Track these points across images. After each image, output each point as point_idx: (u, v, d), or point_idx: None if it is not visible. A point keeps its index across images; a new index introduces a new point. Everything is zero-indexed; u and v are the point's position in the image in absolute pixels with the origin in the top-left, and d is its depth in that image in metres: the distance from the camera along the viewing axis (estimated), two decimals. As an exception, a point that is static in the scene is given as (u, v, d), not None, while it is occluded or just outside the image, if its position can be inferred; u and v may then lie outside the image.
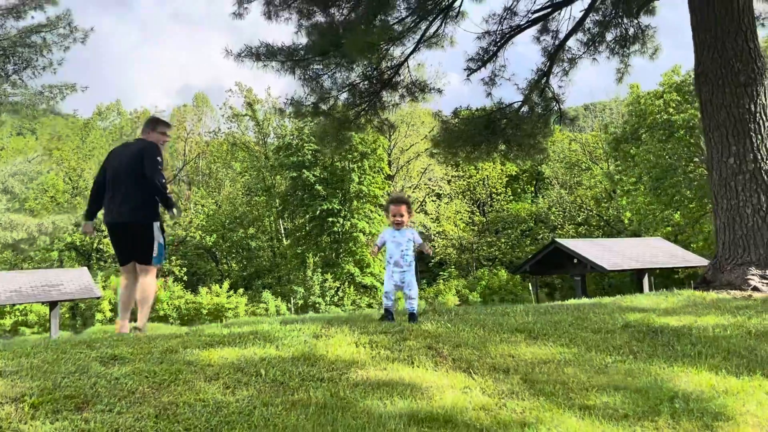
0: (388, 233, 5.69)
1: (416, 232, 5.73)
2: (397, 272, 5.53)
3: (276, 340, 4.71)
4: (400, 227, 5.66)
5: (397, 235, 5.64)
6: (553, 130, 12.31)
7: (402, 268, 5.54)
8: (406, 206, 5.71)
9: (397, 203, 5.72)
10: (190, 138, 60.39)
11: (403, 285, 5.53)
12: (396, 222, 5.65)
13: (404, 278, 5.53)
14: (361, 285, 51.63)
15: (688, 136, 35.91)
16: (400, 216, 5.64)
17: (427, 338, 4.84)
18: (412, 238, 5.64)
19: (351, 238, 50.35)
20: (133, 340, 4.74)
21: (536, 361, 4.39)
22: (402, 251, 5.57)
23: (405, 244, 5.59)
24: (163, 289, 44.66)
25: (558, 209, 66.81)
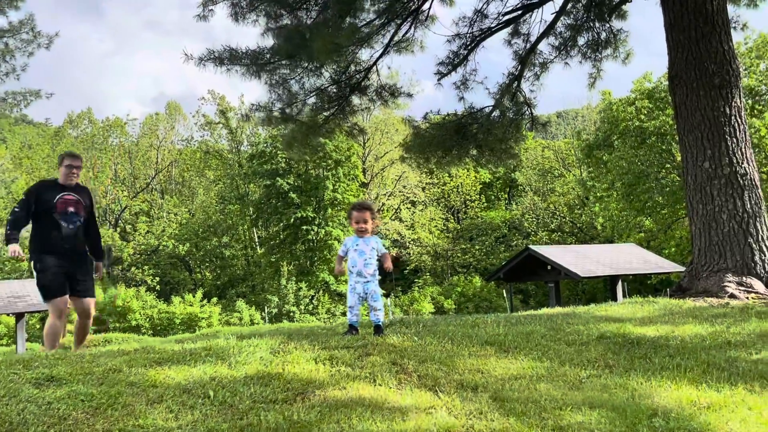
0: (351, 241, 5.39)
1: (380, 241, 5.44)
2: (360, 282, 5.24)
3: (229, 357, 4.40)
4: (364, 235, 5.38)
5: (361, 243, 5.36)
6: (524, 135, 12.14)
7: (366, 278, 5.26)
8: (370, 212, 5.43)
9: (360, 209, 5.43)
10: (163, 146, 59.59)
11: (366, 296, 5.24)
12: (359, 229, 5.36)
13: (368, 289, 5.25)
14: (336, 293, 51.25)
15: (659, 142, 36.15)
16: (363, 222, 5.35)
17: (392, 353, 4.55)
18: (376, 247, 5.36)
19: (326, 246, 50.00)
20: (75, 359, 4.39)
21: (507, 376, 4.12)
22: (365, 260, 5.30)
23: (369, 253, 5.31)
24: (136, 299, 43.90)
25: (531, 216, 67.05)
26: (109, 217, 53.75)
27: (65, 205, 6.29)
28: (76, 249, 6.40)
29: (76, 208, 6.35)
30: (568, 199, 65.56)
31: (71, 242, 6.34)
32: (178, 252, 51.71)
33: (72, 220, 6.32)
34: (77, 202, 6.38)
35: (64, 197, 6.30)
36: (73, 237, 6.34)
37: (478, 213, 70.34)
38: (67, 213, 6.28)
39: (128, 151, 58.10)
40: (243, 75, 10.32)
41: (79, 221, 6.36)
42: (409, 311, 56.87)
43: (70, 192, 6.39)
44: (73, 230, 6.32)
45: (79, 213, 6.37)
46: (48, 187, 6.44)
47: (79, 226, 6.37)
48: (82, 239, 6.50)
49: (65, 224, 6.27)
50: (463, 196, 70.66)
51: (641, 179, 36.38)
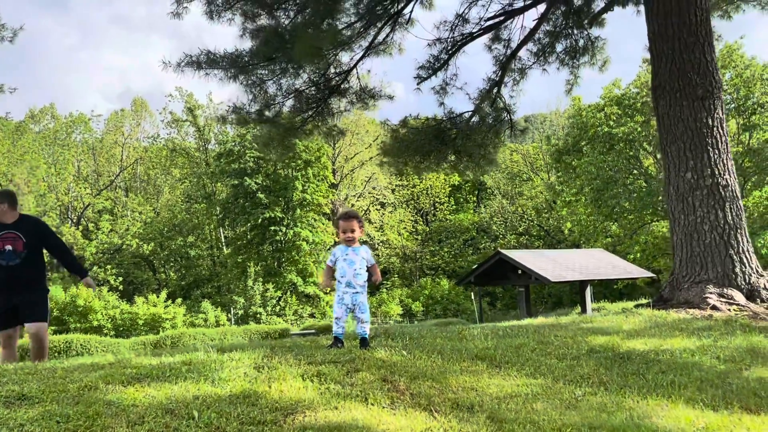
0: (340, 251, 5.21)
1: (370, 251, 5.28)
2: (349, 293, 5.06)
3: (212, 372, 4.19)
4: (352, 244, 5.23)
5: (350, 253, 5.19)
6: (503, 141, 12.08)
7: (355, 288, 5.09)
8: (357, 221, 5.28)
9: (347, 218, 5.26)
10: (128, 143, 58.59)
11: (354, 307, 5.08)
12: (347, 239, 5.19)
13: (356, 300, 5.08)
14: (303, 294, 50.94)
15: (628, 148, 36.59)
16: (351, 232, 5.19)
17: (382, 369, 4.39)
18: (366, 257, 5.19)
19: (294, 247, 49.64)
20: (47, 374, 4.15)
21: (502, 395, 3.99)
22: (356, 270, 5.13)
23: (359, 263, 5.16)
24: (98, 299, 43.03)
25: (500, 219, 67.48)
26: (71, 215, 52.66)
27: (2, 243, 6.42)
28: (18, 283, 6.47)
29: (14, 245, 6.45)
30: (536, 203, 66.12)
31: (12, 279, 6.42)
32: (142, 251, 50.86)
33: (10, 258, 6.44)
34: (16, 239, 6.48)
35: (1, 236, 6.44)
36: (13, 273, 6.43)
37: (447, 215, 70.61)
38: (4, 251, 6.41)
39: (92, 147, 57.02)
40: (221, 79, 10.07)
41: (19, 258, 6.46)
42: (377, 313, 56.80)
43: (8, 230, 6.49)
44: (13, 267, 6.42)
45: (18, 250, 6.46)
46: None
47: (20, 262, 6.46)
48: (28, 274, 6.56)
49: (3, 262, 6.39)
50: (432, 198, 70.86)
51: (609, 185, 36.79)
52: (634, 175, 37.66)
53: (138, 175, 59.97)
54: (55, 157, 51.95)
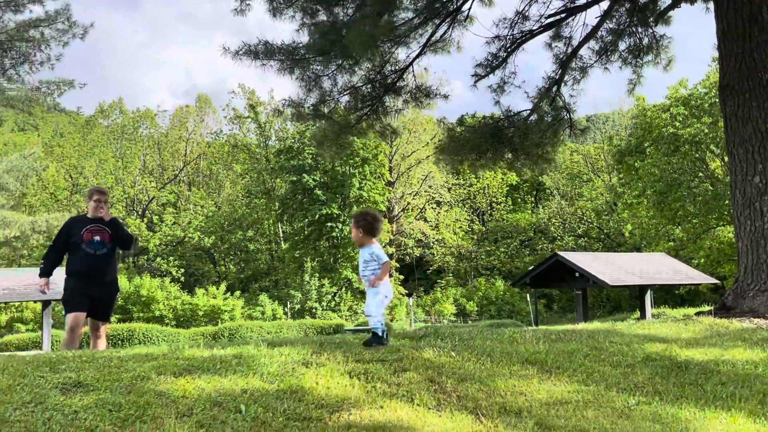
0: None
1: (373, 250, 5.36)
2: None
3: (261, 367, 4.23)
4: (361, 245, 5.46)
5: (361, 253, 5.46)
6: (562, 140, 11.86)
7: (366, 286, 5.33)
8: (354, 223, 5.49)
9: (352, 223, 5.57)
10: (192, 139, 59.93)
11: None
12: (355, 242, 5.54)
13: (366, 297, 5.29)
14: (358, 291, 51.19)
15: (693, 150, 35.47)
16: (355, 235, 5.48)
17: (429, 369, 4.36)
18: (367, 258, 5.33)
19: (350, 244, 49.92)
20: (103, 363, 4.26)
21: (551, 401, 3.91)
22: (361, 271, 5.39)
23: (362, 264, 5.40)
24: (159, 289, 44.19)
25: (558, 220, 66.39)
26: (137, 207, 54.18)
27: (91, 234, 6.92)
28: (102, 273, 6.96)
29: (101, 237, 6.94)
30: (596, 205, 64.80)
31: (98, 268, 6.89)
32: (203, 244, 51.97)
33: (98, 247, 6.90)
34: (103, 231, 6.98)
35: (90, 228, 6.94)
36: (99, 263, 6.90)
37: (504, 215, 69.88)
38: (93, 241, 6.89)
39: (157, 142, 58.52)
40: (277, 70, 10.19)
41: (105, 248, 6.95)
42: (431, 312, 56.70)
43: (96, 224, 7.01)
44: (100, 257, 6.90)
45: (105, 241, 6.95)
46: (77, 222, 7.11)
47: (106, 253, 6.95)
48: (111, 267, 7.10)
49: (91, 251, 6.86)
50: (489, 197, 70.26)
51: (673, 187, 35.77)
52: (699, 178, 36.53)
53: (201, 169, 61.29)
54: (122, 151, 53.55)
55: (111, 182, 50.94)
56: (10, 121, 55.37)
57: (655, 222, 38.87)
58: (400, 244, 61.56)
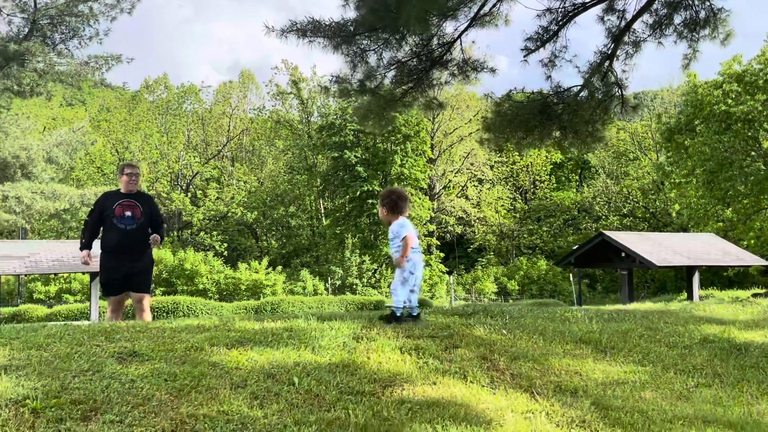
0: None
1: (396, 226, 5.33)
2: None
3: (312, 340, 4.23)
4: (387, 224, 5.53)
5: (389, 231, 5.53)
6: (613, 117, 11.54)
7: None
8: (379, 202, 5.55)
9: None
10: (235, 114, 60.42)
11: None
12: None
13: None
14: (399, 268, 51.19)
15: (746, 128, 34.40)
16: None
17: (481, 347, 4.30)
18: (393, 234, 5.36)
19: (390, 221, 49.81)
20: (156, 333, 4.31)
21: (608, 381, 3.82)
22: (390, 247, 5.51)
23: (390, 242, 5.48)
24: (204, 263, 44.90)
25: (603, 199, 65.32)
26: (181, 182, 54.98)
27: (122, 209, 6.99)
28: (133, 248, 7.00)
29: (133, 212, 7.00)
30: (643, 184, 63.54)
31: (129, 242, 6.94)
32: (245, 219, 52.56)
33: (128, 222, 6.96)
34: (134, 207, 7.04)
35: (122, 203, 7.02)
36: (130, 238, 6.96)
37: (548, 194, 68.99)
38: (124, 216, 6.96)
39: (201, 117, 59.15)
40: (324, 47, 10.10)
41: (136, 223, 6.99)
42: (472, 290, 56.56)
43: (129, 199, 7.08)
44: (131, 231, 6.96)
45: (137, 216, 7.00)
46: (109, 197, 7.21)
47: (136, 228, 6.99)
48: (142, 240, 7.09)
49: (122, 226, 6.92)
50: (532, 176, 69.40)
51: (724, 167, 34.78)
52: (751, 157, 35.44)
53: (243, 145, 61.82)
54: (167, 126, 54.29)
55: (156, 157, 51.73)
56: (59, 96, 56.51)
57: (704, 202, 37.91)
58: (440, 222, 61.36)
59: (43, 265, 23.96)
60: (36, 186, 22.86)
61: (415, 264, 5.24)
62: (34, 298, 44.16)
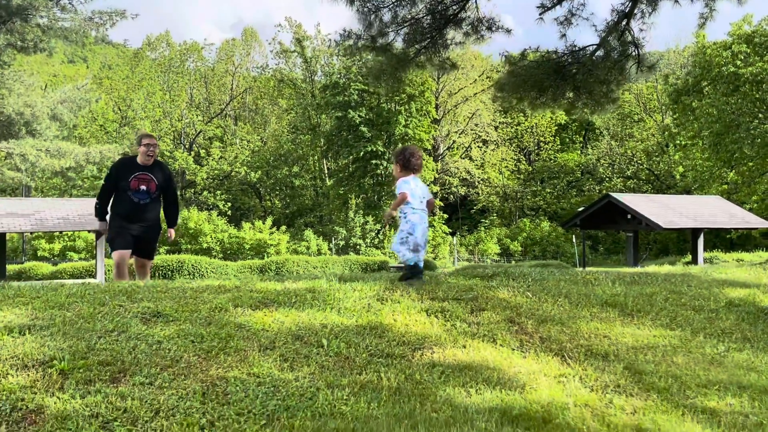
0: None
1: (399, 182, 5.44)
2: None
3: (336, 302, 4.17)
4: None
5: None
6: (628, 77, 11.34)
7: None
8: (394, 159, 5.66)
9: None
10: (238, 73, 59.81)
11: None
12: None
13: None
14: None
15: (754, 90, 34.01)
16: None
17: (507, 309, 4.24)
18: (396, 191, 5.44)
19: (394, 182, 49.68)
20: (178, 294, 4.25)
21: (638, 345, 3.77)
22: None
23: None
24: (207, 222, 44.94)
25: (607, 161, 65.03)
26: (184, 140, 54.71)
27: (138, 183, 7.00)
28: (145, 218, 7.08)
29: (148, 186, 7.03)
30: (647, 146, 63.19)
31: (141, 214, 7.02)
32: (249, 179, 52.42)
33: (143, 197, 7.01)
34: (150, 181, 7.05)
35: (138, 176, 7.01)
36: (142, 209, 7.03)
37: (552, 155, 68.68)
38: (139, 190, 6.98)
39: (204, 75, 58.58)
40: (334, 0, 9.88)
41: (150, 197, 7.06)
42: (475, 251, 56.69)
43: (144, 171, 7.05)
44: (144, 205, 7.03)
45: (151, 191, 7.04)
46: (126, 166, 7.14)
47: (150, 202, 7.07)
48: (153, 211, 7.19)
49: (136, 199, 6.97)
50: (537, 137, 69.00)
51: (731, 129, 34.48)
52: (759, 120, 35.11)
53: (247, 104, 61.34)
54: (169, 84, 53.79)
55: (159, 115, 51.38)
56: (60, 52, 55.89)
57: (709, 165, 37.69)
58: (444, 183, 61.21)
59: (49, 223, 23.90)
60: (41, 143, 22.71)
61: (414, 225, 5.16)
62: (39, 256, 44.33)
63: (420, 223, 5.19)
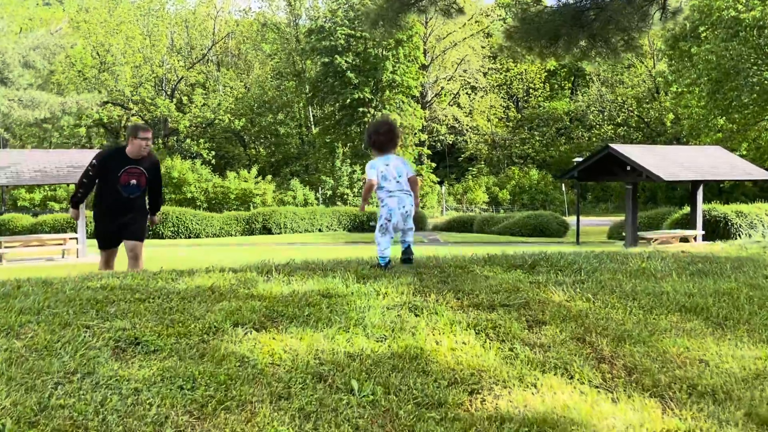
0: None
1: (367, 167, 4.99)
2: None
3: (359, 313, 3.35)
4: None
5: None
6: (650, 24, 10.41)
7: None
8: (366, 140, 5.25)
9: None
10: (220, 17, 57.71)
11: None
12: None
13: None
14: (390, 177, 50.41)
15: (756, 36, 32.97)
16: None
17: (569, 321, 3.43)
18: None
19: (382, 130, 48.56)
20: (161, 307, 3.40)
21: (747, 375, 2.97)
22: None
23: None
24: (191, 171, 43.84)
25: (596, 108, 64.13)
26: (166, 87, 52.99)
27: (128, 177, 6.68)
28: (131, 210, 6.82)
29: (138, 181, 6.73)
30: (638, 92, 62.26)
31: (127, 207, 6.78)
32: (233, 126, 51.04)
33: (133, 191, 6.72)
34: (140, 175, 6.74)
35: (128, 170, 6.68)
36: (130, 203, 6.77)
37: (541, 102, 67.64)
38: (129, 185, 6.69)
39: (185, 19, 56.47)
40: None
41: (140, 191, 6.78)
42: (463, 200, 56.08)
43: (135, 165, 6.72)
44: (133, 198, 6.76)
45: (141, 185, 6.75)
46: (115, 159, 6.76)
47: (139, 195, 6.80)
48: (141, 202, 6.93)
49: (126, 194, 6.68)
50: (526, 83, 67.76)
51: (730, 75, 33.56)
52: (758, 66, 34.19)
53: (229, 49, 59.44)
54: (149, 28, 51.74)
55: (139, 60, 49.54)
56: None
57: (705, 113, 36.85)
58: (432, 131, 60.15)
59: (25, 176, 22.93)
60: (13, 93, 21.42)
61: (391, 210, 4.72)
62: (19, 206, 43.16)
63: (397, 208, 4.73)
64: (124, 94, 47.69)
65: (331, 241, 29.40)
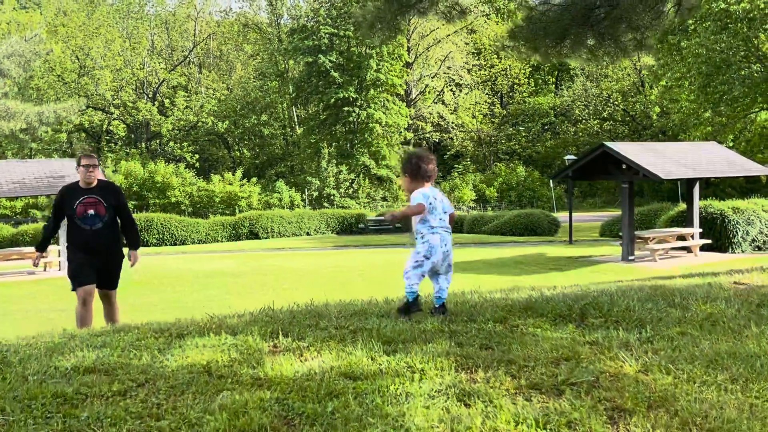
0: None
1: (418, 194, 4.43)
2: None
3: (397, 407, 2.66)
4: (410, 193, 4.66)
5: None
6: (665, 21, 9.83)
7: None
8: (401, 169, 4.68)
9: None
10: (200, 18, 56.72)
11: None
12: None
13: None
14: (375, 177, 49.87)
15: (746, 28, 32.56)
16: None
17: (657, 408, 2.76)
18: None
19: (367, 129, 48.04)
20: (146, 405, 2.69)
21: None
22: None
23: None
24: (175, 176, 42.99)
25: (582, 102, 63.79)
26: (147, 90, 51.96)
27: (84, 208, 6.55)
28: (101, 246, 6.62)
29: (96, 210, 6.57)
30: (623, 86, 61.95)
31: (95, 241, 6.58)
32: (216, 129, 50.17)
33: (92, 222, 6.55)
34: (97, 204, 6.58)
35: (84, 201, 6.56)
36: (96, 236, 6.57)
37: (526, 98, 67.23)
38: (87, 216, 6.54)
39: (165, 21, 55.46)
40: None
41: (102, 221, 6.57)
42: (450, 199, 55.47)
43: (89, 195, 6.59)
44: (96, 231, 6.57)
45: (101, 214, 6.56)
46: (70, 192, 6.66)
47: (103, 227, 6.58)
48: (111, 237, 6.72)
49: (87, 226, 6.52)
50: (510, 79, 67.25)
51: (721, 69, 33.14)
52: (748, 59, 33.82)
53: (211, 50, 58.49)
54: (129, 31, 50.74)
55: (120, 64, 48.52)
56: (12, -2, 52.33)
57: (695, 107, 36.46)
58: (417, 129, 59.54)
59: (3, 188, 22.28)
60: (-14, 102, 20.52)
61: (432, 248, 4.27)
62: (0, 215, 42.10)
63: (438, 247, 4.29)
64: (105, 98, 46.71)
65: (319, 245, 28.69)
